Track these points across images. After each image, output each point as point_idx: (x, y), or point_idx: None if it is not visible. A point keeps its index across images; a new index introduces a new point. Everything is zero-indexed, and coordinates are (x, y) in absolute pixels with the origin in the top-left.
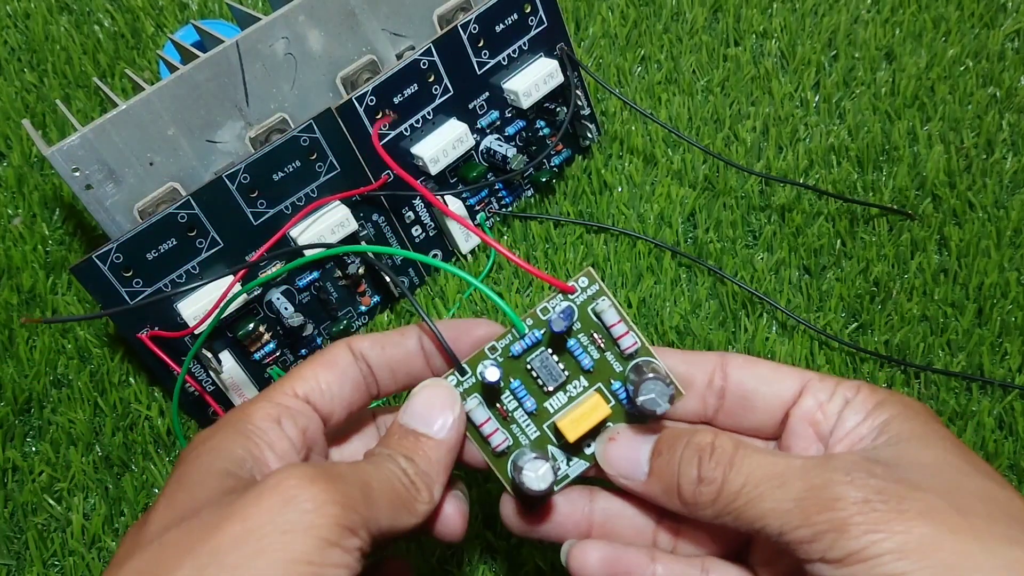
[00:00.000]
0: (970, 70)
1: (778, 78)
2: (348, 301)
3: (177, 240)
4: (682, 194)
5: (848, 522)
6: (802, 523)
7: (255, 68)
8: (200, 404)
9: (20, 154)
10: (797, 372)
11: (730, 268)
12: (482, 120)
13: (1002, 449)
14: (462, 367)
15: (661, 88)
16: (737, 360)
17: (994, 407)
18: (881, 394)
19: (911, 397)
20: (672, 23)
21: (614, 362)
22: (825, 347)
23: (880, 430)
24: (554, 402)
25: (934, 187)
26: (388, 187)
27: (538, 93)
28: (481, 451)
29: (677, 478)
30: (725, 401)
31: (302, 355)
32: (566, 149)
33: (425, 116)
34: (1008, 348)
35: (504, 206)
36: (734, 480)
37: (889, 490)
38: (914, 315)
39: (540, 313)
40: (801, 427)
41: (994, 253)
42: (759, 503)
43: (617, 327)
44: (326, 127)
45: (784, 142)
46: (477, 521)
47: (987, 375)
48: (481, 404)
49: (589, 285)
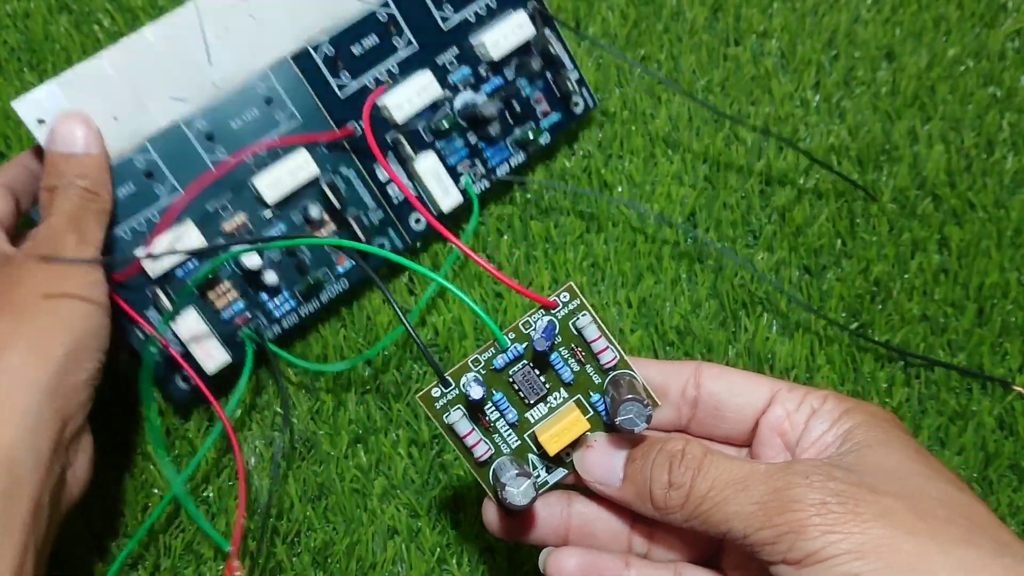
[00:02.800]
0: (970, 70)
1: (778, 78)
2: (323, 260)
3: (136, 186)
4: (682, 194)
5: (806, 523)
6: (763, 525)
7: (217, 28)
8: (171, 365)
9: None
10: (768, 382)
11: (730, 268)
12: (453, 76)
13: (1002, 449)
14: (445, 379)
15: (661, 88)
16: (711, 370)
17: (994, 407)
18: (848, 403)
19: (878, 406)
20: (672, 23)
21: (593, 375)
22: (825, 347)
23: (844, 437)
24: (535, 413)
25: (934, 187)
26: (357, 139)
27: (507, 43)
28: (465, 460)
29: (649, 483)
30: (698, 410)
31: (275, 316)
32: (555, 112)
33: (390, 70)
34: (1008, 348)
35: (491, 170)
36: (701, 484)
37: (847, 492)
38: (914, 315)
39: (522, 327)
40: (769, 436)
41: (995, 253)
42: (724, 506)
43: (597, 342)
44: (283, 76)
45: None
46: (477, 521)
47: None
48: (464, 416)
49: (571, 300)
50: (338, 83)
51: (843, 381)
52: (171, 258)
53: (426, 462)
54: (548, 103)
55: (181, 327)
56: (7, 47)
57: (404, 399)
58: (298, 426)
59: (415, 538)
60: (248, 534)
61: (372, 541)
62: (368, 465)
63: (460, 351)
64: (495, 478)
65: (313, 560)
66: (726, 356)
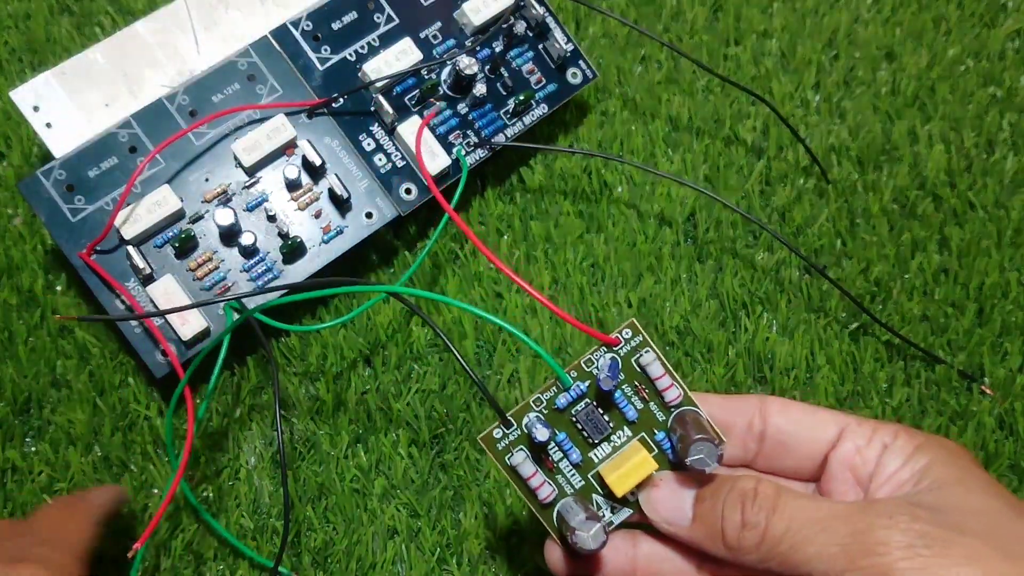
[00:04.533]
0: (970, 70)
1: (778, 78)
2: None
3: (119, 159)
4: (682, 194)
5: (893, 567)
6: (847, 568)
7: (206, 21)
8: (150, 341)
9: (20, 154)
10: (834, 415)
11: (730, 268)
12: (437, 48)
13: (1002, 449)
14: (507, 420)
15: (661, 88)
16: (775, 404)
17: (994, 407)
18: (920, 438)
19: (949, 440)
20: (672, 23)
21: (657, 412)
22: (825, 347)
23: (921, 475)
24: (599, 452)
25: (935, 187)
26: (340, 109)
27: (488, 10)
28: (528, 502)
29: (721, 522)
30: (764, 445)
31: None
32: (551, 83)
33: (371, 43)
34: (1008, 348)
35: (485, 139)
36: (777, 524)
37: (933, 534)
38: (914, 315)
39: (584, 365)
40: (840, 471)
41: (995, 253)
42: (804, 547)
43: (662, 380)
44: (263, 51)
45: (784, 142)
46: (477, 521)
47: (987, 375)
48: (528, 458)
49: (633, 336)
50: (319, 57)
51: (843, 381)
52: (147, 220)
53: (426, 462)
54: (542, 73)
55: (157, 293)
56: (8, 48)
57: (404, 399)
58: (298, 426)
59: (415, 538)
60: (248, 534)
61: (372, 541)
62: (368, 465)
63: (461, 351)
64: (561, 520)
65: (313, 560)
66: (726, 356)
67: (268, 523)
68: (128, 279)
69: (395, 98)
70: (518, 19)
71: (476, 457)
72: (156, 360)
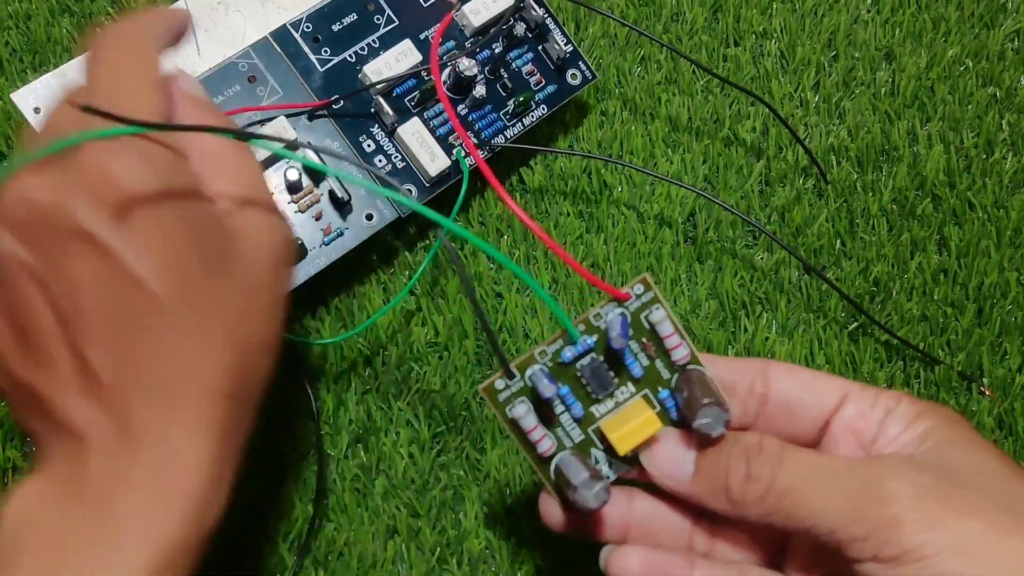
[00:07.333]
0: (970, 70)
1: (778, 78)
2: None
3: None
4: (682, 194)
5: (902, 519)
6: (854, 520)
7: (206, 23)
8: None
9: None
10: (838, 381)
11: (730, 268)
12: (438, 50)
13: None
14: (511, 371)
15: (661, 88)
16: (780, 368)
17: (994, 407)
18: (922, 405)
19: (950, 409)
20: (672, 23)
21: (663, 370)
22: (825, 347)
23: (923, 437)
24: (600, 408)
25: (934, 187)
26: (340, 111)
27: (487, 12)
28: (527, 455)
29: (725, 476)
30: (767, 407)
31: None
32: (550, 84)
33: (371, 44)
34: (1008, 348)
35: (486, 140)
36: (782, 477)
37: (939, 488)
38: (914, 315)
39: (592, 319)
40: (843, 435)
41: (994, 253)
42: (809, 500)
43: (671, 338)
44: (263, 52)
45: (784, 142)
46: (477, 521)
47: (987, 375)
48: (529, 410)
49: (644, 292)
50: (319, 58)
51: None
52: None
53: (426, 462)
54: (541, 74)
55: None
56: (9, 48)
57: (404, 399)
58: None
59: (415, 538)
60: (248, 534)
61: (372, 541)
62: (368, 465)
63: (461, 351)
64: (560, 475)
65: (314, 559)
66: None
67: (268, 523)
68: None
69: (395, 100)
70: (518, 20)
71: (476, 457)
72: None
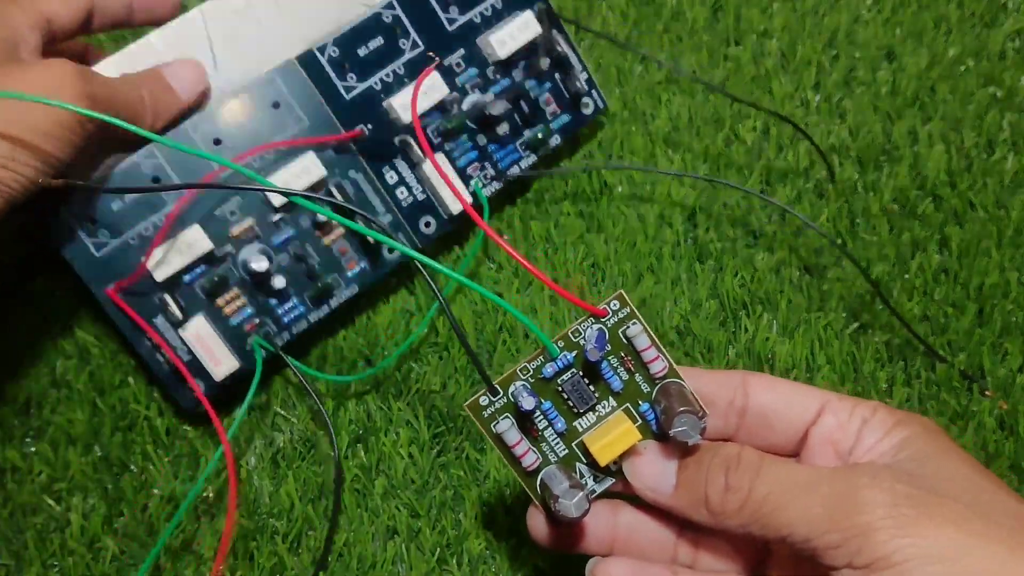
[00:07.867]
0: (971, 70)
1: (779, 78)
2: (332, 265)
3: None
4: (682, 194)
5: (875, 526)
6: (829, 528)
7: (223, 34)
8: (177, 376)
9: None
10: (815, 392)
11: (730, 268)
12: (460, 77)
13: (1003, 449)
14: (494, 388)
15: (661, 88)
16: (759, 380)
17: (994, 407)
18: (899, 414)
19: (927, 418)
20: (672, 23)
21: (642, 384)
22: (825, 347)
23: (900, 446)
24: (583, 422)
25: (935, 187)
26: (365, 142)
27: (513, 43)
28: (512, 469)
29: (704, 487)
30: (746, 420)
31: (284, 322)
32: (564, 113)
33: (396, 71)
34: (1009, 348)
35: (501, 172)
36: (760, 487)
37: (915, 496)
38: (914, 315)
39: (571, 336)
40: (820, 445)
41: (995, 253)
42: (785, 510)
43: (648, 352)
44: (288, 78)
45: (784, 142)
46: (477, 521)
47: (987, 375)
48: (513, 425)
49: (620, 308)
50: (344, 85)
51: (843, 381)
52: (178, 261)
53: (426, 462)
54: (557, 104)
55: (189, 333)
56: None
57: (404, 399)
58: (297, 426)
59: (415, 538)
60: (248, 534)
61: (372, 541)
62: (368, 465)
63: (461, 351)
64: (544, 488)
65: (313, 560)
66: (726, 356)
67: (267, 523)
68: (154, 315)
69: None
70: (543, 55)
71: (476, 457)
72: (185, 394)
